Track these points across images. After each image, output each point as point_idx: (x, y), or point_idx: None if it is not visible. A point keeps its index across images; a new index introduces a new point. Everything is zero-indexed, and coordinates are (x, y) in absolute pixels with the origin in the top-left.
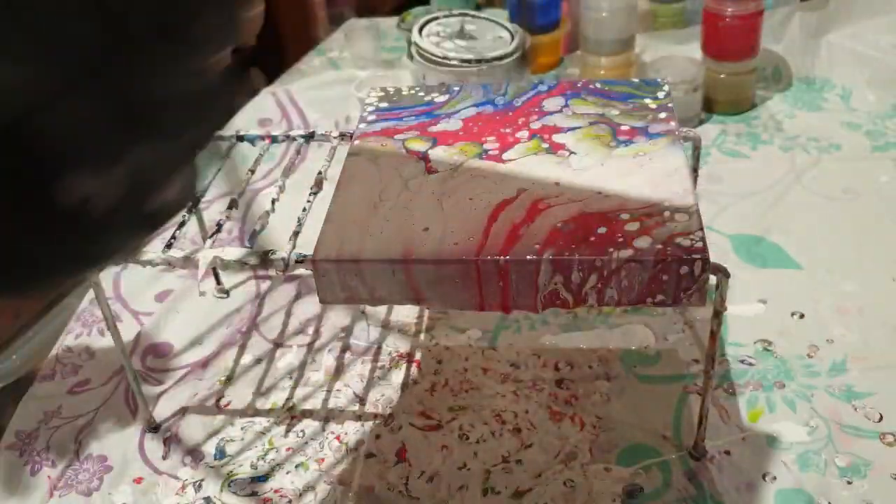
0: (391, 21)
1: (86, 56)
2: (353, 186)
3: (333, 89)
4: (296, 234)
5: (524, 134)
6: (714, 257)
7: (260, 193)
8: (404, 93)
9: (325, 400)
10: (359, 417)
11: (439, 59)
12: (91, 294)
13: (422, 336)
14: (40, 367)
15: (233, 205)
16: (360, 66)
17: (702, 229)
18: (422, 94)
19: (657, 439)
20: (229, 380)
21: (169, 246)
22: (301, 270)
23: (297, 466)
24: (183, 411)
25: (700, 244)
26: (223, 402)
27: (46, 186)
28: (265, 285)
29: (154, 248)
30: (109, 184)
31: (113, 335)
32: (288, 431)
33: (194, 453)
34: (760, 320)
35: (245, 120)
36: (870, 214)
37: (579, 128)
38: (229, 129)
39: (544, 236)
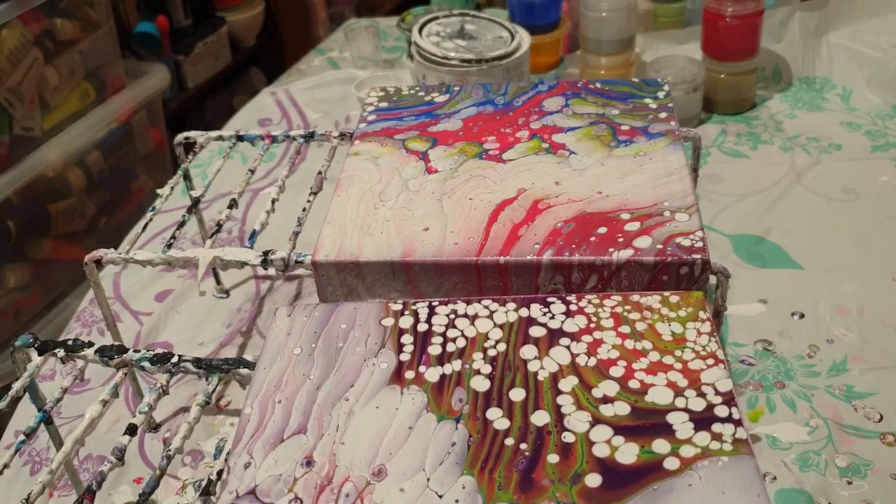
0: (391, 21)
1: None
2: (353, 186)
3: (333, 89)
4: (296, 234)
5: (524, 134)
6: (714, 257)
7: (260, 193)
8: (404, 93)
9: None
10: None
11: (439, 59)
12: (91, 294)
13: None
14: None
15: (233, 205)
16: (360, 65)
17: (702, 229)
18: (422, 94)
19: None
20: (229, 380)
21: (169, 246)
22: (301, 270)
23: None
24: (183, 411)
25: (700, 244)
26: (223, 402)
27: None
28: (265, 285)
29: (154, 248)
30: None
31: (113, 335)
32: None
33: (194, 453)
34: (760, 320)
35: (245, 120)
36: (870, 214)
37: (579, 128)
38: (229, 129)
39: (544, 236)
